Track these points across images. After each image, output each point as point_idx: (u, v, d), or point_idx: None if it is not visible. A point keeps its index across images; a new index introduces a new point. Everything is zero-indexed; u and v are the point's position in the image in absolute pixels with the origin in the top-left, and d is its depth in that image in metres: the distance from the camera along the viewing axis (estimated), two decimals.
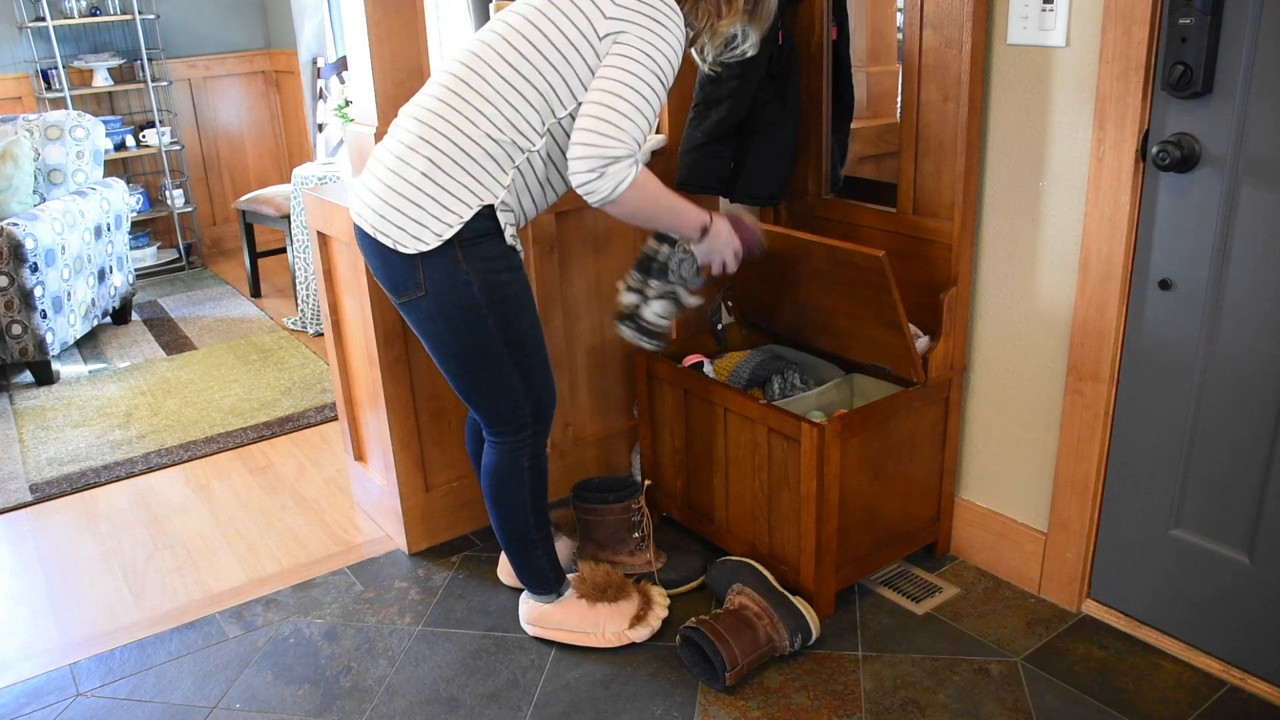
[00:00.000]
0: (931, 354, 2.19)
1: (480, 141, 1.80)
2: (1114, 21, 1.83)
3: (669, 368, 2.40)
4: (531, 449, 2.03)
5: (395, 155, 1.84)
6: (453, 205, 1.80)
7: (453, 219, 1.80)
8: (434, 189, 1.80)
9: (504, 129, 1.81)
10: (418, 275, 1.84)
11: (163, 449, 3.23)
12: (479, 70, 1.82)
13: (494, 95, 1.80)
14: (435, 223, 1.80)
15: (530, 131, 1.82)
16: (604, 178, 1.75)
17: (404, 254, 1.82)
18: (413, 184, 1.81)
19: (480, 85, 1.81)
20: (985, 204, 2.17)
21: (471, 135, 1.80)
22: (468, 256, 1.83)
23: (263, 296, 4.88)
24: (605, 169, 1.74)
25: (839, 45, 2.34)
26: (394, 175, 1.83)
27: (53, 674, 2.19)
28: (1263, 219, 1.75)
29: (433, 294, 1.85)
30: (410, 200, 1.81)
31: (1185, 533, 2.00)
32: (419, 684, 2.09)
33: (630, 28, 1.76)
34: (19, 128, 4.20)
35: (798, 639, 2.08)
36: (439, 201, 1.80)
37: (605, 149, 1.73)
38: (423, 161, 1.80)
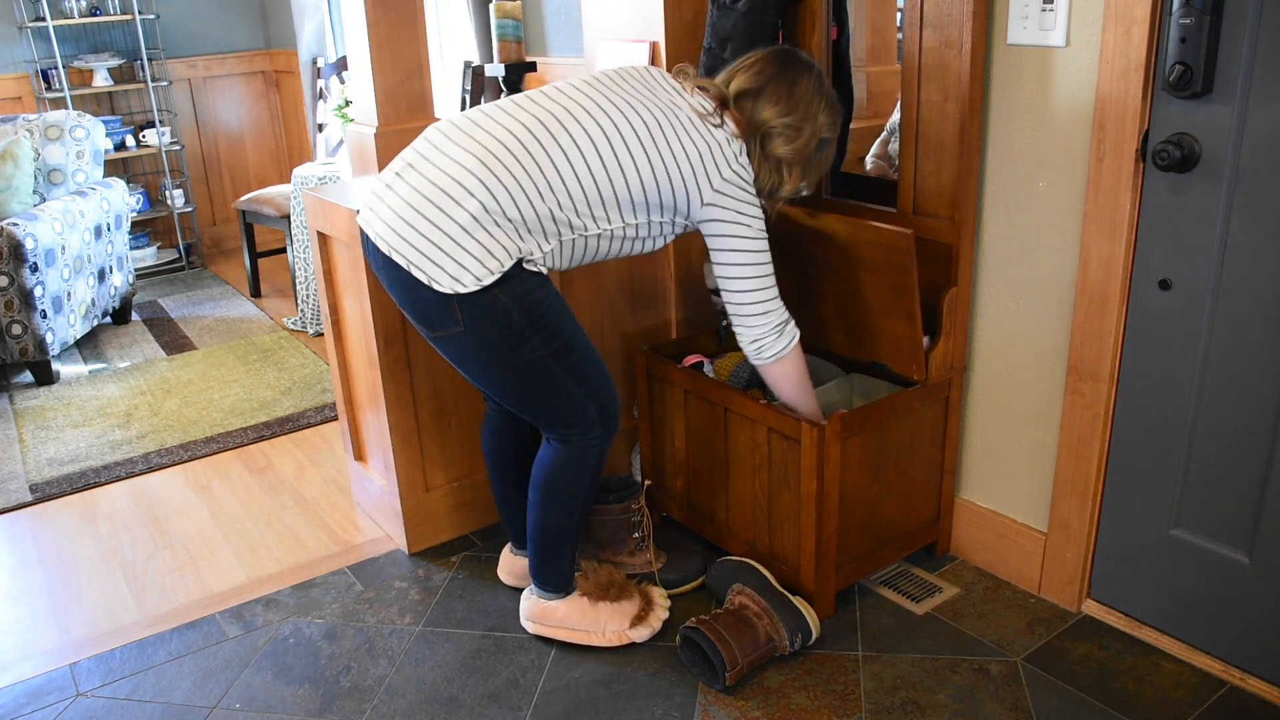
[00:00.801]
0: (931, 354, 2.19)
1: (538, 210, 1.79)
2: (1114, 21, 1.83)
3: (669, 368, 2.40)
4: (599, 450, 2.03)
5: (440, 188, 1.78)
6: (496, 254, 1.78)
7: (494, 266, 1.78)
8: (482, 234, 1.77)
9: (565, 210, 1.81)
10: (454, 312, 1.81)
11: (163, 449, 3.23)
12: (565, 142, 1.80)
13: (571, 176, 1.80)
14: (477, 266, 1.77)
15: (590, 222, 1.85)
16: (783, 335, 2.00)
17: (439, 291, 1.78)
18: (459, 224, 1.76)
19: (560, 158, 1.80)
20: (985, 204, 2.17)
21: (533, 201, 1.79)
22: (505, 290, 1.80)
23: (263, 296, 4.88)
24: (783, 329, 1.99)
25: (839, 45, 2.34)
26: (436, 209, 1.77)
27: (53, 674, 2.19)
28: (1263, 219, 1.75)
29: (471, 329, 1.82)
30: (452, 239, 1.76)
31: (1185, 533, 2.01)
32: (419, 684, 2.09)
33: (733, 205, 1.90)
34: (19, 128, 4.21)
35: (798, 639, 2.08)
36: (484, 247, 1.77)
37: (772, 319, 1.98)
38: (475, 205, 1.76)
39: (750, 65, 1.94)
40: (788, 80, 1.92)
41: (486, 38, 4.17)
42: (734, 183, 1.89)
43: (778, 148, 1.93)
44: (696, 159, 1.86)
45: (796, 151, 1.94)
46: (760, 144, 1.92)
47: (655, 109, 1.87)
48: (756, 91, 1.91)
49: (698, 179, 1.87)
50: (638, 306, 2.72)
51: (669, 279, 2.74)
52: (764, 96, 1.91)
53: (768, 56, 1.95)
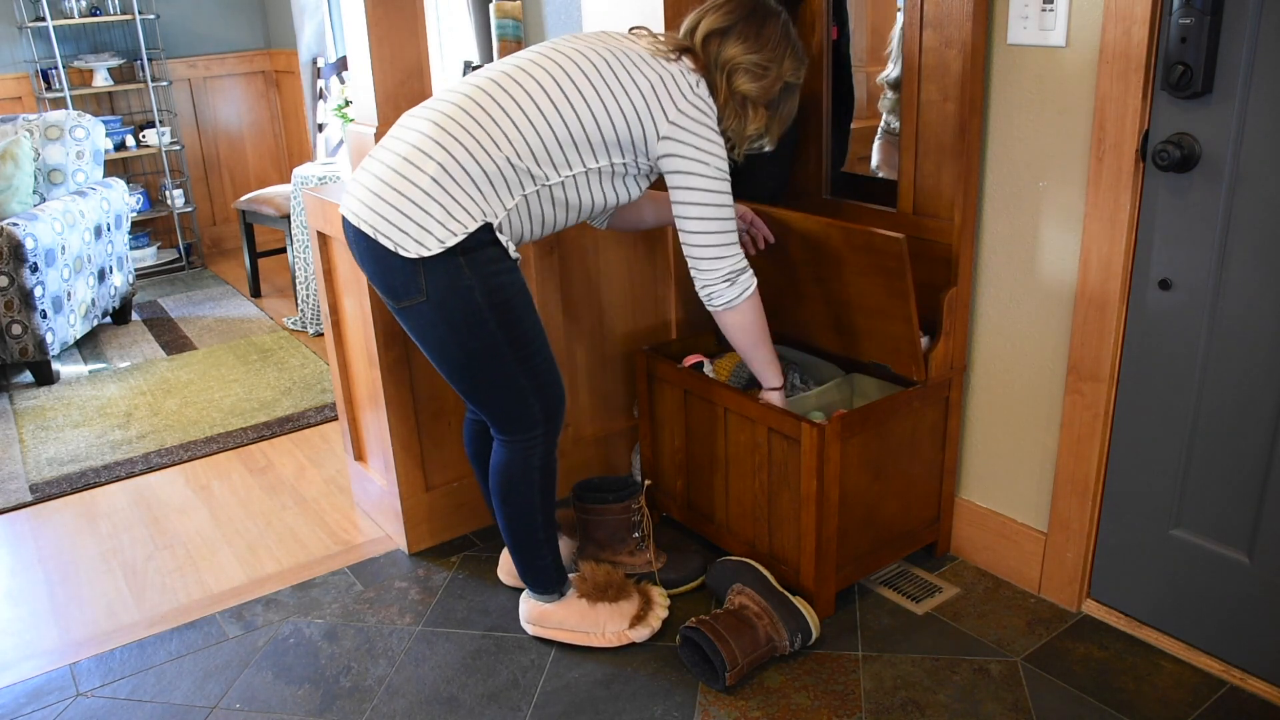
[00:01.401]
0: (931, 354, 2.19)
1: (497, 160, 1.81)
2: (1114, 21, 1.83)
3: (669, 368, 2.40)
4: (543, 448, 2.03)
5: (402, 156, 1.82)
6: (457, 214, 1.80)
7: (457, 228, 1.79)
8: (442, 195, 1.79)
9: (524, 157, 1.82)
10: (419, 280, 1.82)
11: (163, 449, 3.23)
12: (517, 93, 1.83)
13: (525, 123, 1.82)
14: (439, 228, 1.79)
15: (550, 169, 1.85)
16: (735, 285, 1.98)
17: (405, 258, 1.80)
18: (420, 187, 1.79)
19: (513, 108, 1.82)
20: (985, 204, 2.17)
21: (490, 152, 1.80)
22: (470, 263, 1.82)
23: (263, 296, 4.88)
24: (735, 277, 1.98)
25: (839, 45, 2.34)
26: (399, 176, 1.81)
27: (53, 674, 2.19)
28: (1263, 219, 1.75)
29: (434, 300, 1.83)
30: (415, 203, 1.79)
31: (1185, 533, 2.01)
32: (419, 684, 2.09)
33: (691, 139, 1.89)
34: (19, 128, 4.20)
35: (798, 639, 2.08)
36: (445, 208, 1.79)
37: (727, 264, 1.96)
38: (433, 166, 1.79)
39: (719, 6, 1.95)
40: (757, 21, 1.94)
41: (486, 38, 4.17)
42: (692, 114, 1.89)
43: (743, 84, 1.93)
44: (649, 90, 1.87)
45: (762, 90, 1.95)
46: (726, 80, 1.92)
47: (605, 51, 1.89)
48: (724, 30, 1.92)
49: (651, 110, 1.87)
50: (638, 306, 2.73)
51: (669, 279, 2.74)
52: (731, 35, 1.92)
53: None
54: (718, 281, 1.98)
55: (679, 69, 1.90)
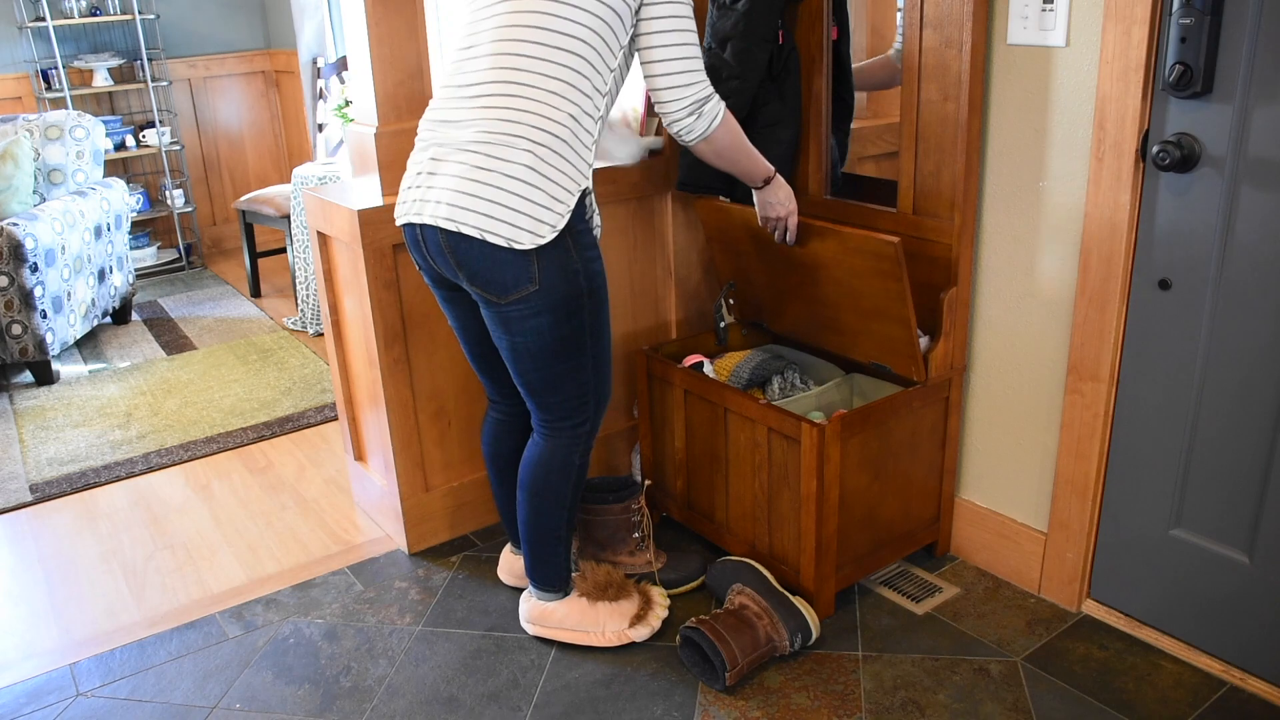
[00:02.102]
0: (931, 354, 2.19)
1: (566, 123, 1.79)
2: (1114, 21, 1.83)
3: (669, 368, 2.40)
4: (585, 443, 2.04)
5: (484, 154, 1.79)
6: (561, 193, 1.79)
7: (563, 207, 1.79)
8: (541, 180, 1.77)
9: (580, 101, 1.80)
10: (532, 270, 1.81)
11: (163, 449, 3.23)
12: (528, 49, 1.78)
13: (559, 69, 1.78)
14: (548, 214, 1.78)
15: (596, 96, 1.82)
16: (700, 117, 1.87)
17: (518, 250, 1.78)
18: (520, 179, 1.77)
19: (539, 64, 1.78)
20: (985, 204, 2.17)
21: (558, 118, 1.78)
22: (576, 245, 1.83)
23: (263, 296, 4.88)
24: (700, 108, 1.86)
25: (839, 45, 2.34)
26: (493, 174, 1.78)
27: (53, 674, 2.19)
28: (1263, 219, 1.75)
29: (545, 287, 1.83)
30: (520, 196, 1.77)
31: (1185, 533, 2.01)
32: (419, 684, 2.09)
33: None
34: (19, 128, 4.20)
35: (798, 639, 2.08)
36: (548, 192, 1.78)
37: (694, 93, 1.85)
38: (524, 155, 1.77)
39: None
40: None
41: None
42: None
43: None
44: None
45: None
46: None
47: None
48: None
49: None
50: (638, 306, 2.73)
51: (669, 279, 2.74)
52: None
53: None
54: (684, 115, 1.86)
55: None
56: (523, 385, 1.98)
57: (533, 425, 2.06)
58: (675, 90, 1.85)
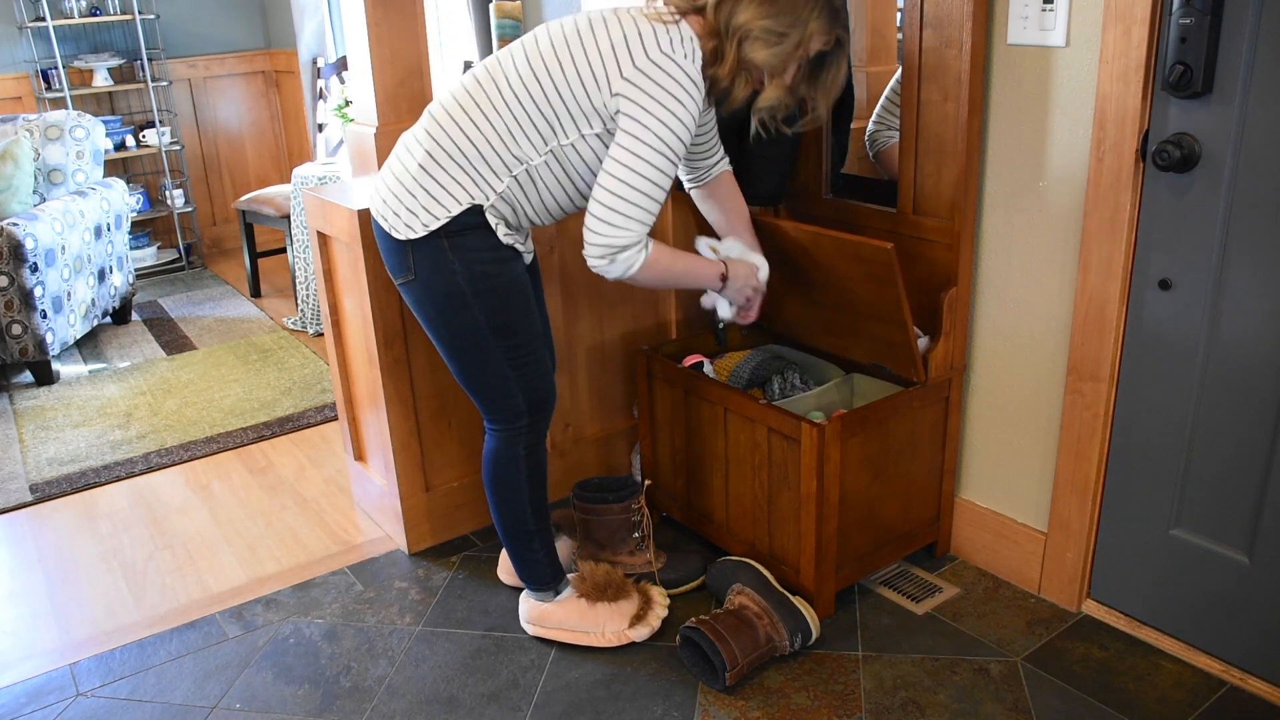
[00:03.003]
0: (931, 354, 2.19)
1: (478, 145, 1.86)
2: (1114, 21, 1.83)
3: (669, 368, 2.40)
4: (528, 438, 2.05)
5: (405, 146, 1.93)
6: (442, 199, 1.87)
7: (440, 212, 1.87)
8: (427, 181, 1.87)
9: (504, 139, 1.85)
10: (408, 260, 1.91)
11: (163, 449, 3.23)
12: (496, 81, 1.87)
13: (501, 107, 1.85)
14: (424, 213, 1.87)
15: (529, 149, 1.86)
16: (614, 264, 1.84)
17: (395, 239, 1.90)
18: (410, 174, 1.88)
19: (493, 96, 1.86)
20: (985, 204, 2.17)
21: (471, 138, 1.86)
22: (454, 246, 1.88)
23: (263, 296, 4.88)
24: (615, 256, 1.82)
25: None
26: (400, 164, 1.92)
27: (53, 674, 2.19)
28: (1263, 219, 1.75)
29: (421, 279, 1.92)
30: (406, 189, 1.89)
31: (1185, 533, 2.00)
32: (419, 684, 2.09)
33: (643, 99, 1.75)
34: (19, 128, 4.20)
35: (798, 639, 2.08)
36: (429, 193, 1.87)
37: (613, 239, 1.80)
38: (421, 154, 1.88)
39: None
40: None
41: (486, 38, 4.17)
42: (651, 73, 1.74)
43: (755, 52, 1.77)
44: (609, 48, 1.76)
45: (777, 58, 1.78)
46: (736, 47, 1.77)
47: (582, 19, 1.84)
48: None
49: (607, 68, 1.75)
50: (638, 306, 2.73)
51: None
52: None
53: None
54: (597, 256, 1.82)
55: (657, 27, 1.76)
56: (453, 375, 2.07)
57: None
58: (597, 226, 1.80)
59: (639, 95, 1.75)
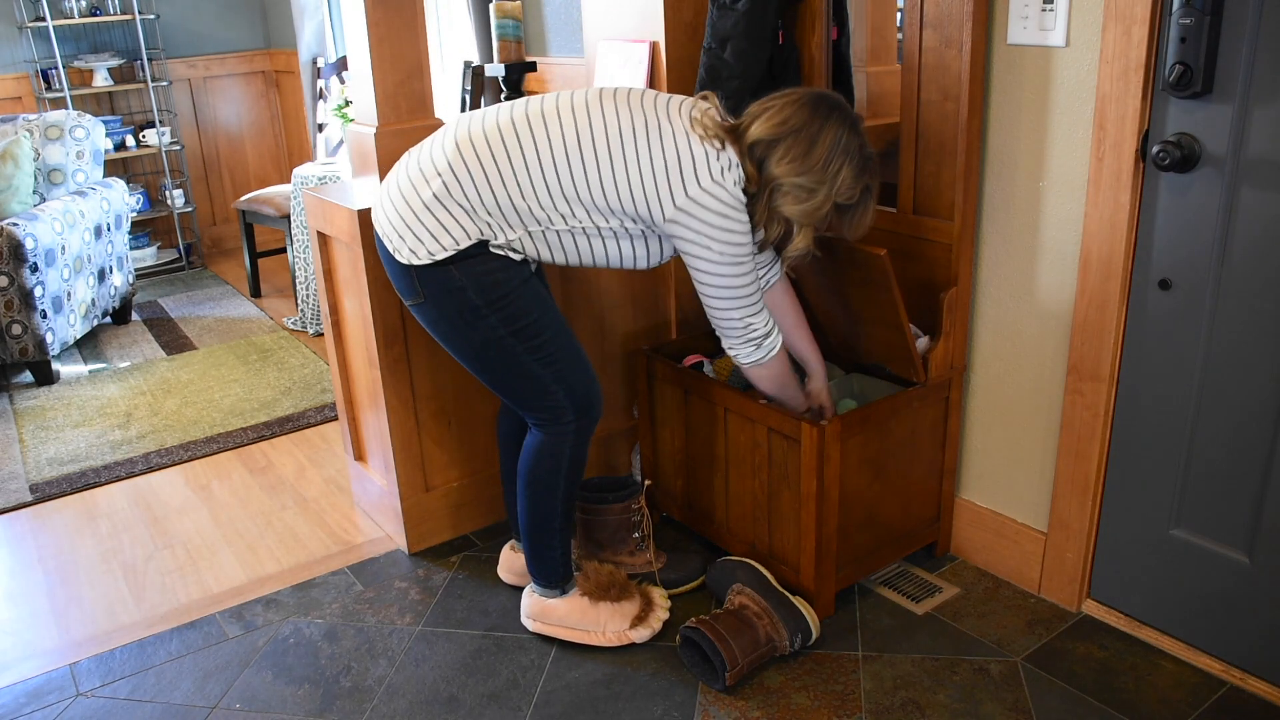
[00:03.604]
0: (931, 354, 2.19)
1: (498, 197, 1.84)
2: (1114, 21, 1.83)
3: (669, 368, 2.40)
4: (574, 440, 2.04)
5: (421, 169, 1.88)
6: (452, 231, 1.86)
7: (448, 243, 1.86)
8: (440, 212, 1.84)
9: (530, 202, 1.84)
10: (415, 283, 1.91)
11: (163, 449, 3.23)
12: (536, 141, 1.82)
13: (536, 172, 1.82)
14: (431, 242, 1.85)
15: (557, 218, 1.87)
16: (759, 349, 1.98)
17: (399, 261, 1.89)
18: (422, 201, 1.85)
19: (529, 156, 1.82)
20: (985, 204, 2.17)
21: (494, 188, 1.83)
22: (460, 268, 1.87)
23: (263, 296, 4.88)
24: (761, 341, 1.97)
25: (839, 45, 2.35)
26: (411, 188, 1.88)
27: (53, 674, 2.19)
28: (1263, 219, 1.75)
29: (431, 300, 1.92)
30: (415, 215, 1.86)
31: (1185, 533, 2.01)
32: (419, 684, 2.09)
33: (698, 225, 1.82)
34: (19, 128, 4.20)
35: (798, 639, 2.08)
36: (441, 224, 1.85)
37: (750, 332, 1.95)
38: (437, 185, 1.84)
39: (774, 110, 1.81)
40: (809, 136, 1.78)
41: (486, 38, 4.17)
42: (705, 202, 1.79)
43: (785, 206, 1.83)
44: (664, 168, 1.79)
45: (806, 213, 1.84)
46: (768, 197, 1.83)
47: (641, 115, 1.83)
48: (771, 142, 1.79)
49: (660, 190, 1.80)
50: (638, 306, 2.73)
51: (669, 279, 2.73)
52: (777, 150, 1.79)
53: (797, 102, 1.81)
54: (742, 344, 1.98)
55: (708, 150, 1.79)
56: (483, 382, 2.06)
57: None
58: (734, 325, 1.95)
59: (694, 223, 1.82)
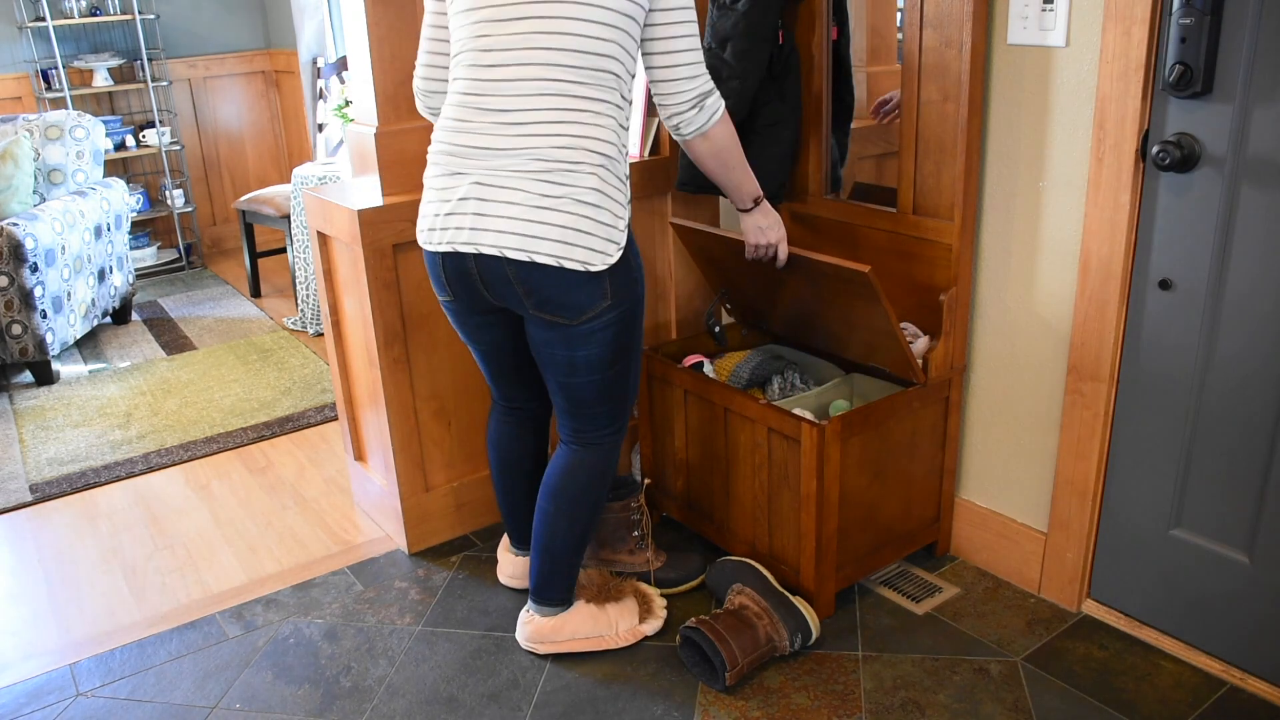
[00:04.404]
0: (931, 354, 2.19)
1: (613, 140, 1.79)
2: (1114, 21, 1.83)
3: (669, 368, 2.40)
4: (619, 449, 2.05)
5: (550, 181, 1.75)
6: (621, 210, 1.80)
7: (623, 223, 1.81)
8: (607, 201, 1.78)
9: (616, 115, 1.80)
10: (605, 287, 1.81)
11: (163, 449, 3.23)
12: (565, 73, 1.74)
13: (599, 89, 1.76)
14: (615, 232, 1.79)
15: (626, 105, 1.83)
16: (701, 110, 1.86)
17: (593, 273, 1.78)
18: (590, 203, 1.76)
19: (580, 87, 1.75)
20: (985, 204, 2.17)
21: (608, 137, 1.78)
22: (631, 251, 1.85)
23: (263, 296, 4.88)
24: (702, 101, 1.86)
25: (839, 45, 2.34)
26: (563, 199, 1.75)
27: (53, 674, 2.19)
28: (1263, 219, 1.75)
29: (616, 300, 1.84)
30: (592, 219, 1.76)
31: (1185, 533, 2.01)
32: (419, 684, 2.09)
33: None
34: (19, 128, 4.20)
35: (798, 639, 2.08)
36: (612, 211, 1.79)
37: (700, 83, 1.85)
38: (589, 178, 1.75)
39: None
40: None
41: None
42: None
43: None
44: None
45: None
46: None
47: None
48: None
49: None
50: None
51: (669, 279, 2.74)
52: None
53: None
54: (686, 108, 1.86)
55: None
56: (570, 399, 1.95)
57: (562, 436, 2.03)
58: (681, 83, 1.84)
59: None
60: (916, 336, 2.24)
